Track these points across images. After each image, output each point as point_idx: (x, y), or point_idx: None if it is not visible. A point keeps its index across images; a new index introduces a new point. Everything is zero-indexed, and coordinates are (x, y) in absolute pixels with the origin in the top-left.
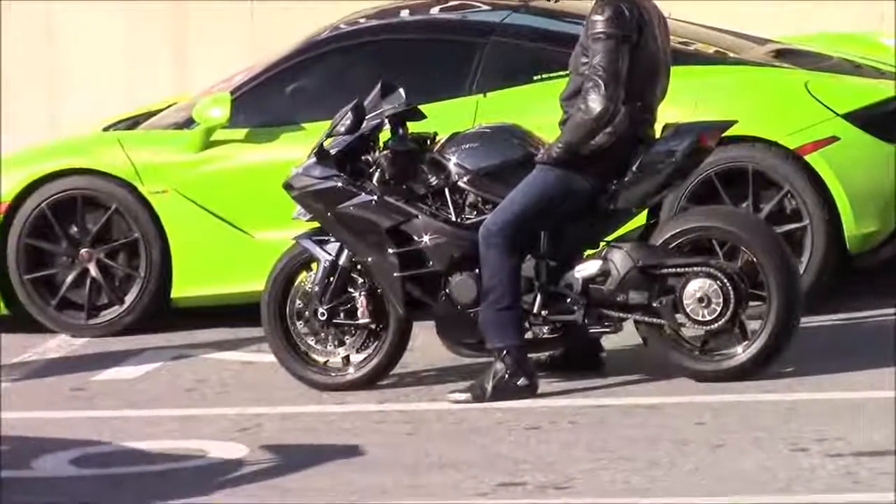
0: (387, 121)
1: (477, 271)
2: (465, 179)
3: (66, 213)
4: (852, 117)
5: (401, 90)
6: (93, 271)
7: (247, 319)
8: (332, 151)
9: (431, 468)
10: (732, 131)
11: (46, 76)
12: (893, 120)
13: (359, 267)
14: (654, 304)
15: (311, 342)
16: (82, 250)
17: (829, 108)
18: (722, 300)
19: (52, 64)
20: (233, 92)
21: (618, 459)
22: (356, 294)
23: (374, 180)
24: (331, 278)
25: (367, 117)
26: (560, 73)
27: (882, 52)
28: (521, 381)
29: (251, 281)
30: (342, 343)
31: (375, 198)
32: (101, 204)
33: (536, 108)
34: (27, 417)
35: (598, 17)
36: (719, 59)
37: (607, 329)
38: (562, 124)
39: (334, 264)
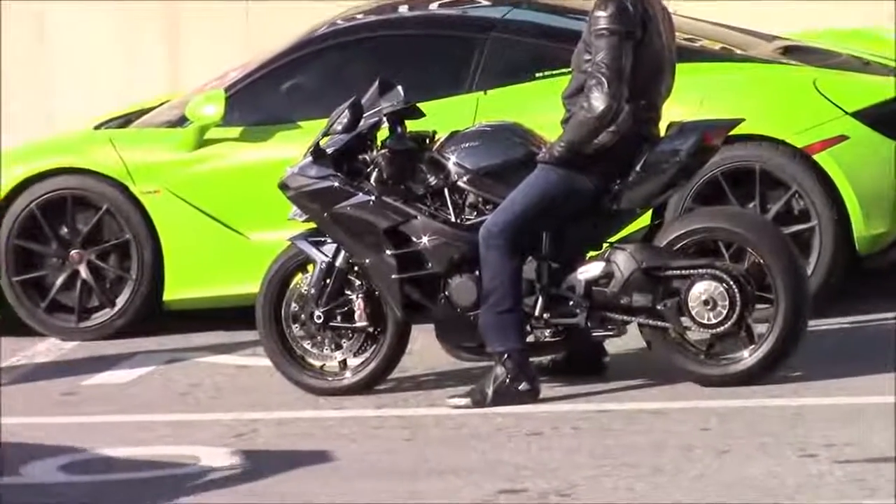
0: (385, 119)
1: (477, 273)
2: (465, 179)
3: (55, 214)
4: (861, 115)
5: (399, 88)
6: (83, 273)
7: (241, 322)
8: (329, 150)
9: (430, 475)
10: (739, 130)
11: (40, 75)
12: None
13: (356, 269)
14: (659, 307)
15: (308, 346)
16: (72, 251)
17: (837, 105)
18: (728, 303)
19: (45, 63)
20: (227, 89)
21: (621, 466)
22: (353, 296)
23: (372, 180)
24: (327, 280)
25: (364, 115)
26: (562, 70)
27: (887, 47)
28: (523, 385)
29: (246, 283)
30: (339, 347)
31: (373, 198)
32: (91, 204)
33: (538, 106)
34: (16, 423)
35: (601, 13)
36: (725, 55)
37: (610, 332)
38: (564, 123)
39: (331, 266)
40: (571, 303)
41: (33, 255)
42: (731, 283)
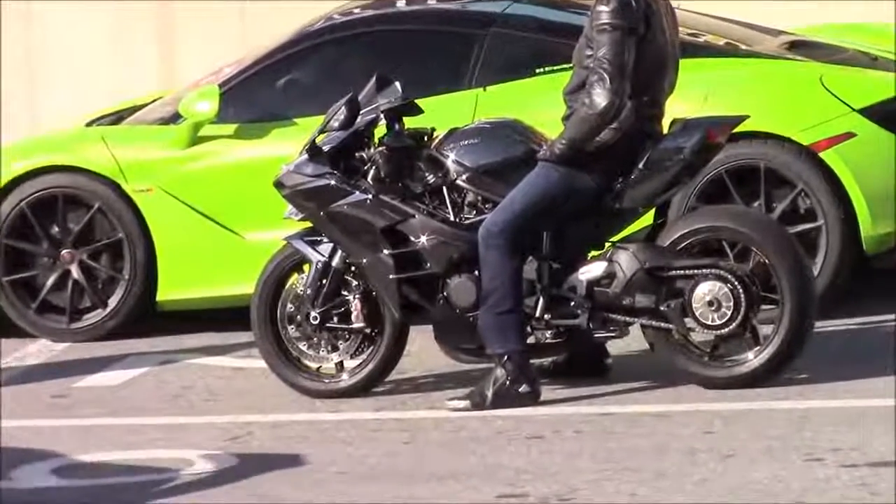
0: (382, 116)
1: (476, 273)
2: (464, 177)
3: (46, 213)
4: (869, 112)
5: (397, 84)
6: (75, 273)
7: (236, 323)
8: (325, 148)
9: (429, 479)
10: (744, 127)
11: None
12: None
13: (353, 269)
14: (662, 308)
15: (304, 347)
16: (64, 251)
17: (844, 102)
18: (732, 304)
19: (38, 63)
20: (221, 85)
21: (623, 470)
22: (350, 297)
23: (369, 178)
24: (323, 281)
25: (361, 112)
26: (563, 66)
27: (888, 40)
28: (523, 388)
29: (240, 283)
30: (335, 348)
31: (370, 196)
32: (83, 203)
33: (538, 102)
34: (6, 426)
35: (604, 8)
36: (730, 51)
37: (612, 334)
38: (565, 120)
39: (327, 266)
40: (573, 303)
41: (24, 255)
42: (736, 283)
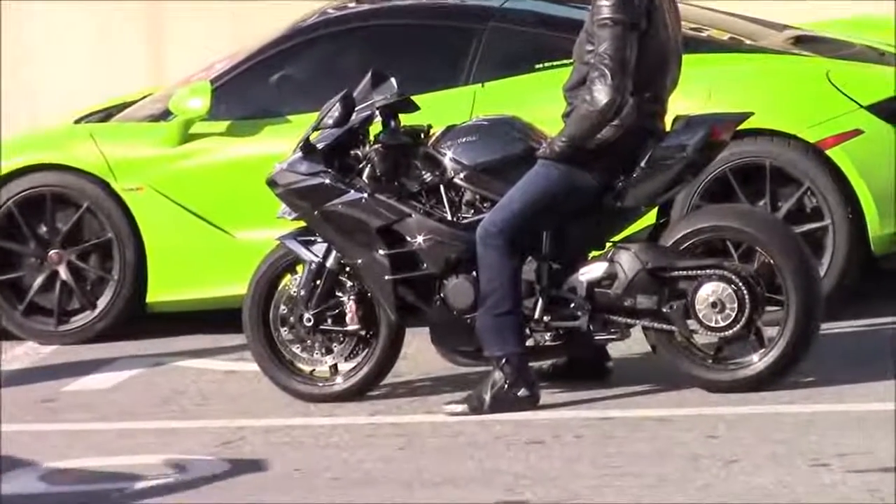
0: (378, 113)
1: (474, 274)
2: (462, 176)
3: (34, 212)
4: (877, 109)
5: (392, 80)
6: (63, 274)
7: (228, 326)
8: (319, 146)
9: (426, 485)
10: (748, 124)
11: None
12: None
13: (347, 269)
14: (664, 310)
15: (297, 350)
16: (51, 251)
17: (852, 98)
18: (736, 305)
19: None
20: (213, 81)
21: (625, 475)
22: (345, 298)
23: (364, 176)
24: (317, 281)
25: (356, 109)
26: (563, 61)
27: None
28: (522, 391)
29: (232, 284)
30: (330, 351)
31: (365, 195)
32: (71, 202)
33: (538, 99)
34: None
35: (605, 2)
36: (734, 46)
37: (614, 336)
38: (565, 116)
39: (321, 266)
40: (573, 305)
41: (10, 255)
42: (740, 284)
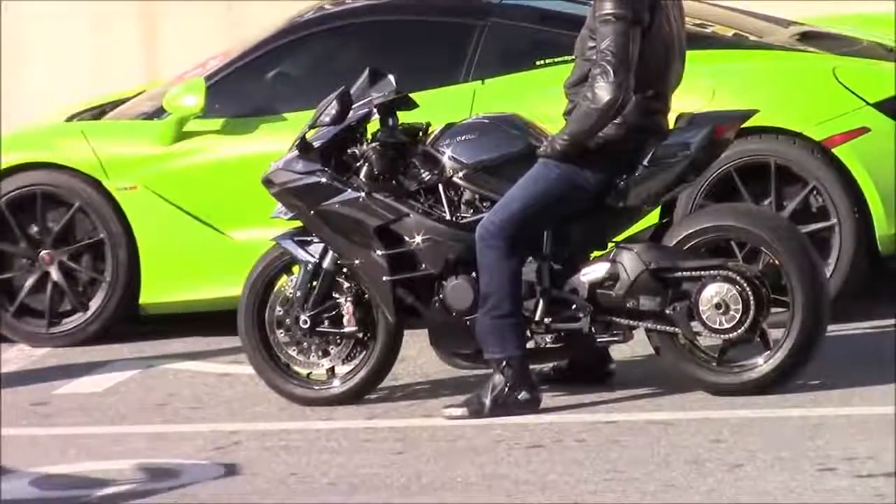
0: (375, 110)
1: (473, 275)
2: (461, 174)
3: (25, 211)
4: (884, 106)
5: (391, 77)
6: (54, 275)
7: (223, 328)
8: (316, 144)
9: (424, 490)
10: (753, 122)
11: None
12: None
13: (345, 270)
14: (668, 311)
15: (293, 353)
16: (43, 252)
17: (858, 96)
18: (741, 306)
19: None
20: (208, 78)
21: (628, 480)
22: (342, 300)
23: (362, 175)
24: (314, 283)
25: (353, 107)
26: (565, 57)
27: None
28: (523, 394)
29: (227, 285)
30: (326, 353)
31: (363, 194)
32: (63, 201)
33: (538, 96)
34: None
35: None
36: (739, 42)
37: (616, 338)
38: (567, 114)
39: (318, 267)
40: (574, 306)
41: (1, 256)
42: (745, 285)
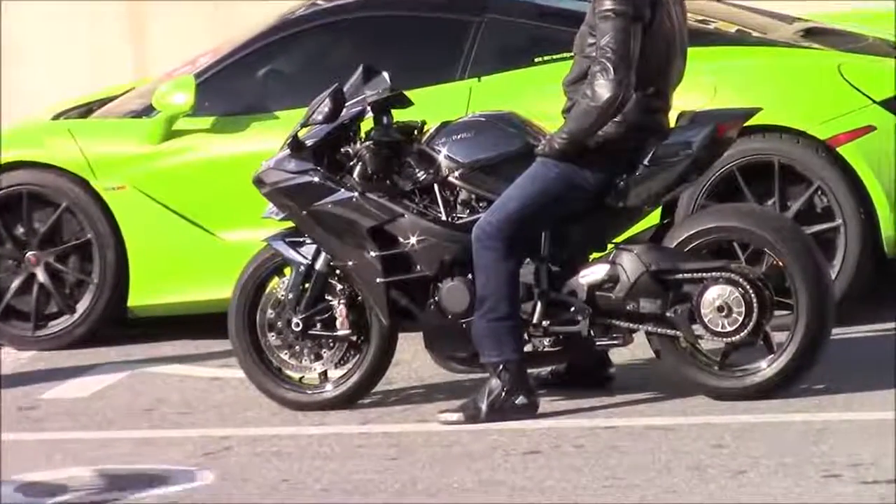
0: (369, 108)
1: (470, 277)
2: (457, 174)
3: (10, 212)
4: (891, 104)
5: (385, 74)
6: (40, 276)
7: (213, 330)
8: (308, 143)
9: (419, 496)
10: (756, 120)
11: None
12: None
13: (337, 272)
14: (668, 314)
15: (285, 356)
16: (29, 253)
17: (864, 94)
18: (744, 309)
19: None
20: (197, 76)
21: (628, 487)
22: (334, 302)
23: (355, 175)
24: (306, 285)
25: (346, 104)
26: (563, 54)
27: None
28: (520, 399)
29: (217, 287)
30: (319, 357)
31: (356, 194)
32: (49, 201)
33: (537, 94)
34: None
35: None
36: (742, 39)
37: (616, 341)
38: (565, 112)
39: (310, 269)
40: (573, 309)
41: None
42: (748, 287)
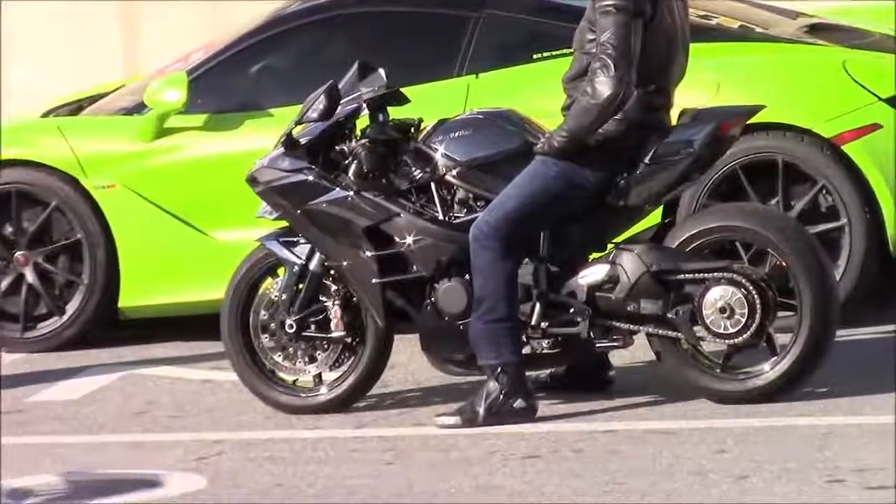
0: (365, 106)
1: (467, 277)
2: (455, 172)
3: None
4: None
5: (381, 71)
6: (29, 277)
7: (205, 332)
8: (303, 141)
9: (416, 502)
10: (760, 118)
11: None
12: None
13: (332, 272)
14: (670, 315)
15: (278, 358)
16: (17, 253)
17: (870, 91)
18: (746, 310)
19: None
20: (190, 72)
21: (628, 492)
22: (329, 303)
23: (350, 173)
24: (300, 285)
25: (342, 102)
26: (563, 50)
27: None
28: (518, 402)
29: (210, 288)
30: (313, 359)
31: (351, 193)
32: (39, 200)
33: (536, 91)
34: None
35: None
36: (745, 34)
37: (616, 343)
38: (565, 110)
39: (304, 269)
40: (572, 310)
41: None
42: (751, 288)
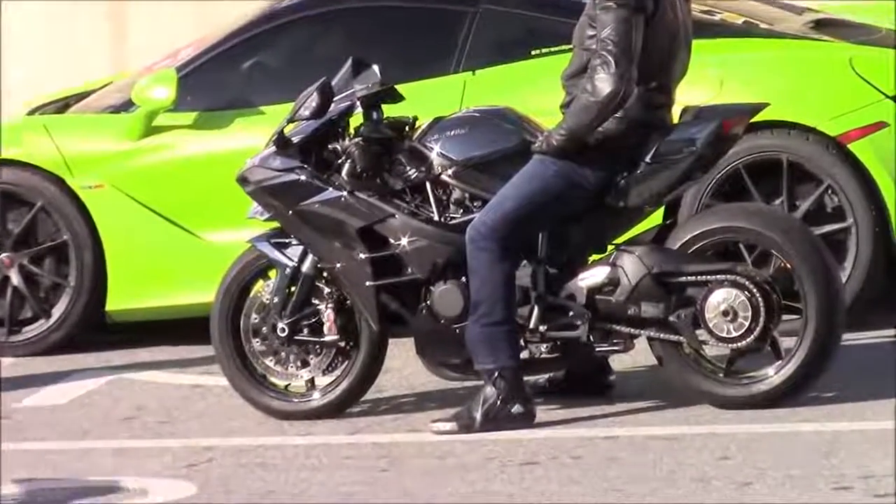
0: (358, 103)
1: (463, 279)
2: (450, 172)
3: None
4: None
5: (375, 67)
6: (14, 279)
7: (195, 336)
8: (295, 139)
9: None
10: (764, 116)
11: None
12: None
13: (325, 274)
14: (671, 319)
15: (270, 363)
16: (2, 255)
17: (877, 88)
18: (750, 314)
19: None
20: (179, 69)
21: (628, 499)
22: (322, 306)
23: (344, 173)
24: (292, 288)
25: (335, 99)
26: (562, 47)
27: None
28: (516, 408)
29: (200, 291)
30: (306, 364)
31: (345, 193)
32: (24, 200)
33: (534, 88)
34: None
35: None
36: (749, 30)
37: (616, 347)
38: (564, 108)
39: (296, 271)
40: (571, 313)
41: None
42: (754, 291)
